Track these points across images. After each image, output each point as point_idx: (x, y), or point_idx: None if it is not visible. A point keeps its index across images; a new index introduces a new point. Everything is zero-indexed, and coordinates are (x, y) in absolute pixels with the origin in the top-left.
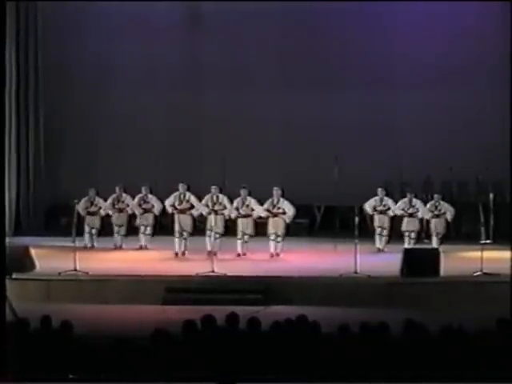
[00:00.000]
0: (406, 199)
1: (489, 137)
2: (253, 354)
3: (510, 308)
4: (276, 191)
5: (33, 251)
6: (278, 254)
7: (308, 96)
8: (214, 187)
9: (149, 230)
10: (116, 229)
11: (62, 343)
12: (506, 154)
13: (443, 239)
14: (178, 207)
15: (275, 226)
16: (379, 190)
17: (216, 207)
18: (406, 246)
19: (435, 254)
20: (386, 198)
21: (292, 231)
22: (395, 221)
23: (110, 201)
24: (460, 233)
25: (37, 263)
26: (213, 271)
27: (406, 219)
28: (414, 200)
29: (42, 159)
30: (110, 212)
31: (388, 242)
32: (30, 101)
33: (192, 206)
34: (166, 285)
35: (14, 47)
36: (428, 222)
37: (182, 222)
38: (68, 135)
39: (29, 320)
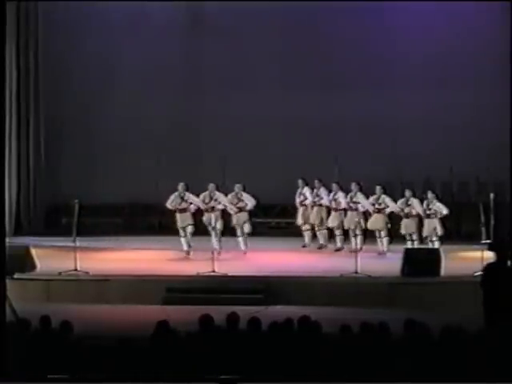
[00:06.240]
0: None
1: (489, 137)
2: (253, 353)
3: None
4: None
5: (33, 251)
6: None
7: (308, 96)
8: (317, 181)
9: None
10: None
11: (62, 343)
12: (506, 153)
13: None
14: (305, 202)
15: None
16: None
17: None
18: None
19: (436, 253)
20: (383, 196)
21: (292, 231)
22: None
23: (201, 197)
24: (460, 233)
25: (37, 263)
26: (213, 271)
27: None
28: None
29: (42, 159)
30: (202, 207)
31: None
32: (30, 101)
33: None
34: (167, 285)
35: (14, 47)
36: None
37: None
38: (68, 135)
39: (29, 320)
